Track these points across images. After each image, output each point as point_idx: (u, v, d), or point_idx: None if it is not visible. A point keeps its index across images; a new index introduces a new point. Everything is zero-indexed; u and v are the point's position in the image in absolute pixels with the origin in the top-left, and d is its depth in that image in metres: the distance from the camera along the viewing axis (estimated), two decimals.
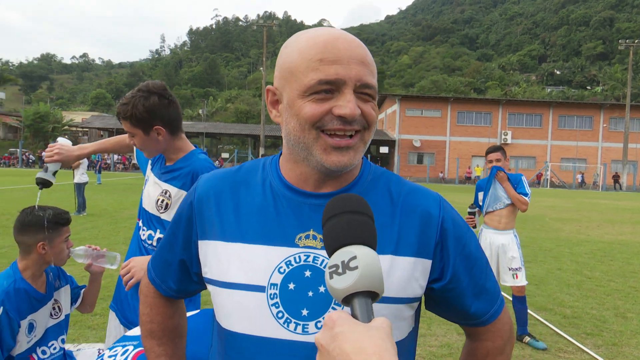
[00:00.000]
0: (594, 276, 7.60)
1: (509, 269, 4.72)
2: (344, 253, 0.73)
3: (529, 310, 5.61)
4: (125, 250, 2.50)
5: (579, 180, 46.91)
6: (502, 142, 48.79)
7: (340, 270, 0.72)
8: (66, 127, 59.45)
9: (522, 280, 4.73)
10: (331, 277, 0.73)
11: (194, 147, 2.33)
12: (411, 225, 1.00)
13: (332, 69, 0.91)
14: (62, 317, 2.69)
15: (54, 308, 2.63)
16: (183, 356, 1.28)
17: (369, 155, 50.51)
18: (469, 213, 4.96)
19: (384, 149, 51.45)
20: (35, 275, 2.49)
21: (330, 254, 0.76)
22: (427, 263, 1.01)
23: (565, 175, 48.65)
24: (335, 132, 0.93)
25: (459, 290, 1.05)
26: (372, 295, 0.73)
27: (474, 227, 4.89)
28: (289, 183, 1.03)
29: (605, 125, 49.30)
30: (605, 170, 45.98)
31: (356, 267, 0.71)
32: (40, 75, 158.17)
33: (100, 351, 2.90)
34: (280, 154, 1.10)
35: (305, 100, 0.93)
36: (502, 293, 1.16)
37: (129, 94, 2.15)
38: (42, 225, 2.39)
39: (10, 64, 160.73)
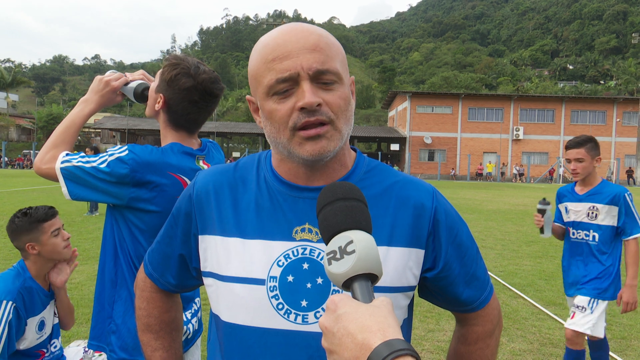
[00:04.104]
0: None
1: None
2: (340, 239, 0.75)
3: (538, 305, 5.58)
4: None
5: None
6: (514, 137, 48.46)
7: (338, 256, 0.74)
8: None
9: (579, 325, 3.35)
10: (330, 263, 0.75)
11: None
12: (405, 217, 1.03)
13: (283, 66, 0.94)
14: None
15: (56, 307, 2.66)
16: (180, 349, 1.29)
17: (379, 153, 50.51)
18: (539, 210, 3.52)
19: (394, 146, 51.31)
20: (40, 273, 2.54)
21: (327, 241, 0.77)
22: (420, 253, 1.03)
23: None
24: (304, 126, 0.95)
25: (451, 278, 1.08)
26: (372, 278, 0.75)
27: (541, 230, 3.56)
28: (282, 178, 1.05)
29: (618, 119, 48.74)
30: (619, 165, 45.47)
31: (353, 251, 0.73)
32: (52, 77, 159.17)
33: (86, 348, 2.91)
34: None
35: (270, 102, 0.97)
36: (490, 274, 1.18)
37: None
38: (22, 228, 2.41)
39: (24, 67, 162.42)
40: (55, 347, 2.67)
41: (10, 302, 2.33)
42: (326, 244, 0.77)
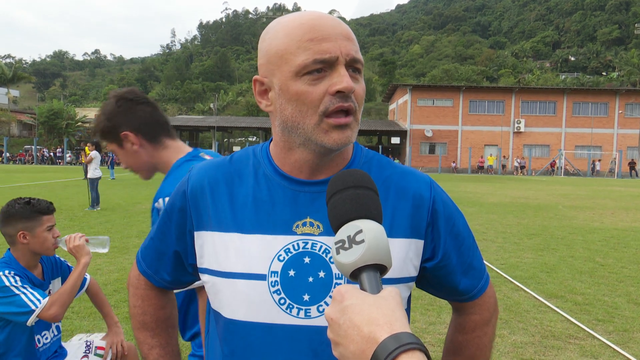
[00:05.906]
0: (606, 263, 7.53)
1: None
2: (349, 227, 0.73)
3: (539, 297, 5.59)
4: (139, 245, 2.51)
5: (596, 168, 46.30)
6: (515, 130, 48.36)
7: (346, 245, 0.72)
8: (79, 124, 60.02)
9: None
10: (338, 253, 0.73)
11: (183, 155, 1.88)
12: (404, 207, 1.03)
13: (323, 47, 0.91)
14: None
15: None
16: (176, 345, 1.29)
17: (380, 146, 50.44)
18: None
19: (395, 140, 51.28)
20: (29, 265, 2.52)
21: (335, 230, 0.76)
22: (419, 243, 1.04)
23: (579, 162, 48.11)
24: (335, 111, 0.93)
25: (449, 268, 1.09)
26: (380, 269, 0.73)
27: None
28: (283, 172, 1.03)
29: (621, 111, 48.57)
30: (621, 157, 45.37)
31: (362, 241, 0.71)
32: (53, 73, 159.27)
33: (88, 342, 2.90)
34: (270, 141, 1.09)
35: (299, 83, 0.93)
36: (492, 267, 1.18)
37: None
38: (21, 215, 2.40)
39: (24, 62, 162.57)
40: (46, 338, 2.65)
41: None
42: (335, 233, 0.76)
